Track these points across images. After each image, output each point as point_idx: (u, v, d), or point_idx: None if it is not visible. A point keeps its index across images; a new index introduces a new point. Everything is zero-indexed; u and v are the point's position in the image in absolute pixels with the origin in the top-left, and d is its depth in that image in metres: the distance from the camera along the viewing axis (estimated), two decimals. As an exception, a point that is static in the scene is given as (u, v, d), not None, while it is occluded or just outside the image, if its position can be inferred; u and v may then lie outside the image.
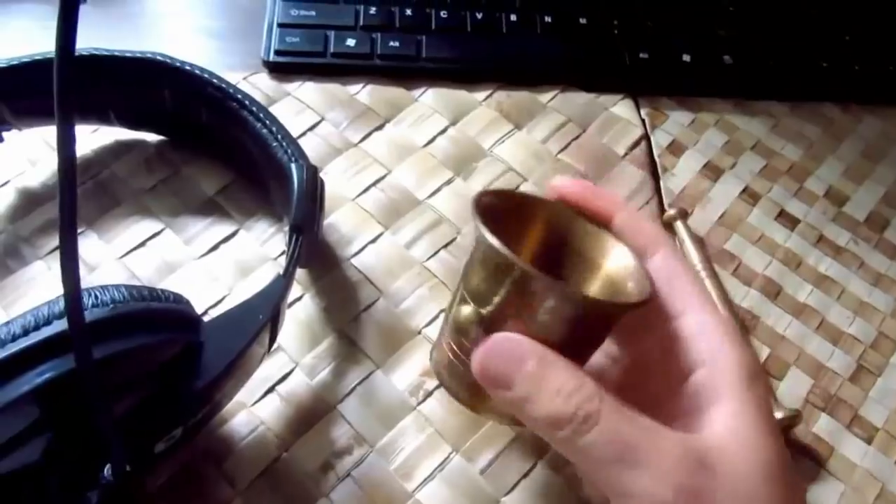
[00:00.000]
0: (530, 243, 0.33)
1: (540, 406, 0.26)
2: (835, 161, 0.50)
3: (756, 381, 0.27)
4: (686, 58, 0.51)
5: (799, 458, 0.38)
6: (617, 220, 0.30)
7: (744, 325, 0.41)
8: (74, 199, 0.22)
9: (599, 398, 0.25)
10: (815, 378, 0.41)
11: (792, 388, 0.40)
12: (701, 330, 0.28)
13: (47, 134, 0.44)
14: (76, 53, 0.40)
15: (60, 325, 0.26)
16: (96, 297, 0.27)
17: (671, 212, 0.45)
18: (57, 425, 0.26)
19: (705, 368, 0.27)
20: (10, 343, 0.25)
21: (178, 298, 0.31)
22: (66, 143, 0.21)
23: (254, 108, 0.40)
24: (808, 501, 0.37)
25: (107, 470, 0.26)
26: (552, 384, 0.26)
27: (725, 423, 0.26)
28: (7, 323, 0.26)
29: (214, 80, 0.40)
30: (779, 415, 0.37)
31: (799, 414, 0.37)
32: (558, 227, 0.32)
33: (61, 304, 0.26)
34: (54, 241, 0.41)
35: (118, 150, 0.45)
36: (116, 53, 0.40)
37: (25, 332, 0.26)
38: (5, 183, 0.43)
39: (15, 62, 0.39)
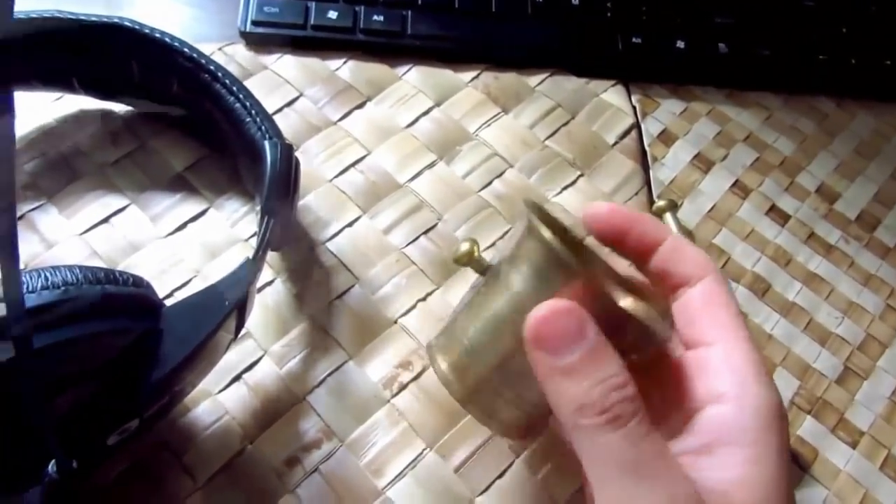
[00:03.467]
0: None
1: (577, 385, 0.24)
2: (827, 156, 0.49)
3: (779, 424, 0.26)
4: (680, 44, 0.50)
5: (784, 464, 0.37)
6: (661, 249, 0.29)
7: (731, 323, 0.40)
8: (12, 166, 0.20)
9: (636, 407, 0.24)
10: (802, 379, 0.40)
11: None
12: (730, 363, 0.27)
13: None
14: (37, 16, 0.38)
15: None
16: (46, 278, 0.25)
17: (661, 203, 0.43)
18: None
19: (728, 404, 0.26)
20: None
21: (138, 281, 0.29)
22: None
23: (227, 81, 0.38)
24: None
25: (51, 466, 0.24)
26: (600, 371, 0.24)
27: (741, 470, 0.25)
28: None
29: (185, 50, 0.38)
30: (765, 419, 0.35)
31: (786, 418, 0.36)
32: None
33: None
34: None
35: (83, 121, 0.42)
36: (81, 17, 0.38)
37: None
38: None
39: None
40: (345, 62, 0.47)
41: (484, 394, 0.29)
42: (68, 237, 0.38)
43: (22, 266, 0.37)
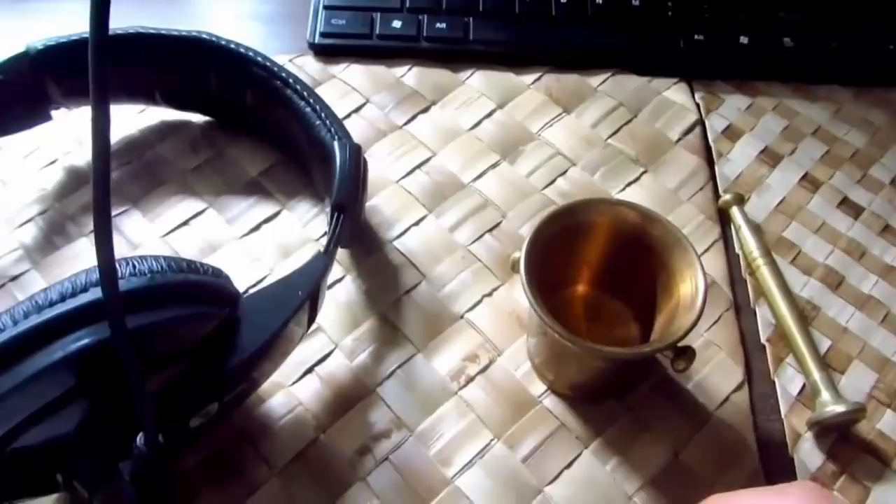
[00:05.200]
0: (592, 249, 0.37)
1: None
2: (902, 148, 0.48)
3: None
4: (744, 40, 0.49)
5: (862, 456, 0.36)
6: None
7: (803, 315, 0.39)
8: (107, 163, 0.21)
9: None
10: (880, 373, 0.39)
11: (855, 382, 0.38)
12: None
13: (95, 114, 0.45)
14: (122, 32, 0.40)
15: (97, 292, 0.25)
16: (134, 266, 0.27)
17: (727, 197, 0.43)
18: (91, 394, 0.26)
19: None
20: (46, 308, 0.25)
21: (217, 272, 0.30)
22: (99, 105, 0.20)
23: (298, 87, 0.39)
24: (872, 502, 0.35)
25: (139, 439, 0.25)
26: None
27: None
28: (45, 289, 0.26)
29: (259, 59, 0.40)
30: (842, 408, 0.35)
31: (864, 408, 0.35)
32: (630, 226, 0.35)
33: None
34: (99, 219, 0.41)
35: (163, 131, 0.45)
36: (163, 32, 0.40)
37: (62, 299, 0.25)
38: (53, 161, 0.43)
39: (63, 40, 0.39)
40: (409, 69, 0.48)
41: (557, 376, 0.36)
42: (152, 239, 0.41)
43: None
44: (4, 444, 0.25)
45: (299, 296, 0.32)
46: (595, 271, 0.38)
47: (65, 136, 0.44)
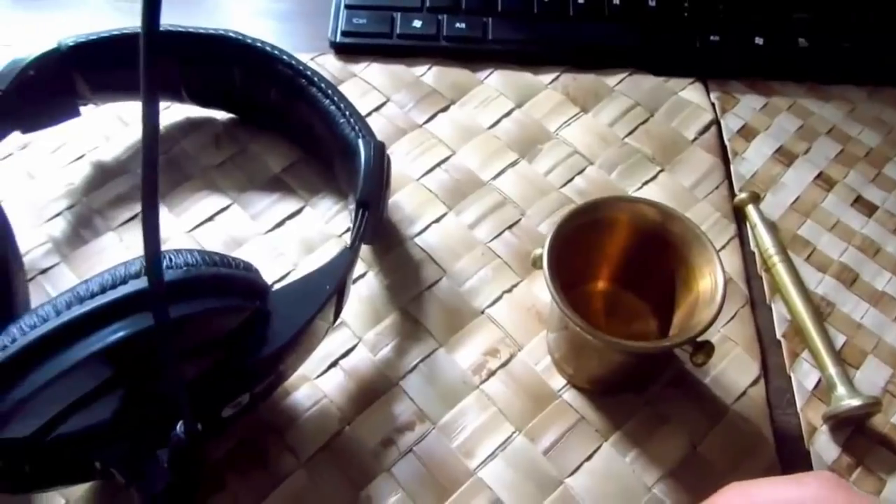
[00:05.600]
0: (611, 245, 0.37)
1: None
2: (916, 148, 0.48)
3: None
4: (759, 41, 0.50)
5: (878, 449, 0.36)
6: None
7: (818, 311, 0.40)
8: (156, 162, 0.22)
9: None
10: (895, 367, 0.39)
11: (869, 377, 0.38)
12: None
13: (122, 110, 0.46)
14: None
15: (137, 284, 0.26)
16: (171, 259, 0.28)
17: (742, 195, 0.43)
18: (130, 383, 0.27)
19: None
20: (88, 300, 0.26)
21: (248, 266, 0.31)
22: (149, 94, 0.21)
23: (322, 85, 0.40)
24: (885, 495, 0.35)
25: (179, 427, 0.26)
26: None
27: None
28: (85, 281, 0.26)
29: (284, 57, 0.40)
30: (857, 402, 0.35)
31: (879, 402, 0.35)
32: (649, 221, 0.36)
33: (137, 264, 0.27)
34: (126, 213, 0.42)
35: (188, 127, 0.46)
36: (190, 29, 0.41)
37: (103, 290, 0.26)
38: (80, 157, 0.44)
39: (93, 37, 0.40)
40: (429, 68, 0.49)
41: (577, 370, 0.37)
42: (178, 234, 0.41)
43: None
44: (47, 431, 0.26)
45: (326, 290, 0.32)
46: (613, 267, 0.38)
47: (92, 132, 0.45)
